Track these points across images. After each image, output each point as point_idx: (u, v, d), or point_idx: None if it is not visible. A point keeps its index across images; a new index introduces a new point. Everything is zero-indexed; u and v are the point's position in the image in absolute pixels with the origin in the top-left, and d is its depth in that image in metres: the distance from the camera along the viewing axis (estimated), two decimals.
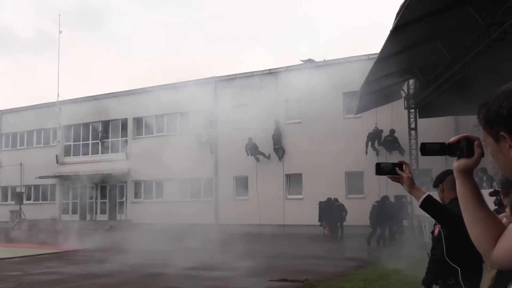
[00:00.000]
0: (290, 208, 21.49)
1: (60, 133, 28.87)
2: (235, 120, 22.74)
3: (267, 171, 22.08)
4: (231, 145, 22.34)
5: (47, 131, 29.71)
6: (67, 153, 29.35)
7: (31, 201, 29.43)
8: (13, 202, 28.21)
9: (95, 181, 26.66)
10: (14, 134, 31.41)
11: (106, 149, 27.63)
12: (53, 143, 29.34)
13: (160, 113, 24.83)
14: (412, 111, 18.04)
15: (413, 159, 17.33)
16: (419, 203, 2.93)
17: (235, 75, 23.56)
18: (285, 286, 9.53)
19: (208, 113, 23.86)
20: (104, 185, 27.25)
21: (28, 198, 29.36)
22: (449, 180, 3.56)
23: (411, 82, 17.96)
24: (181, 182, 23.92)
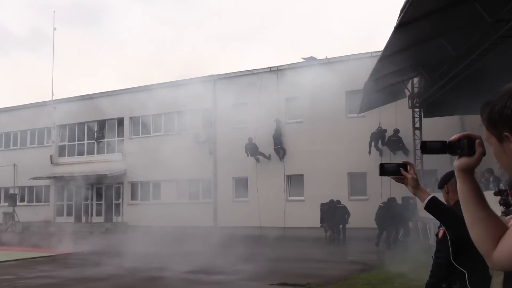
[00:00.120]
0: (291, 210, 21.50)
1: (54, 132, 28.87)
2: (234, 119, 22.76)
3: (267, 172, 22.08)
4: (230, 145, 22.35)
5: (41, 131, 29.71)
6: (61, 153, 29.36)
7: (24, 203, 29.42)
8: (6, 204, 28.22)
9: (90, 182, 26.67)
10: (7, 134, 31.41)
11: (102, 149, 27.62)
12: (47, 143, 29.35)
13: (158, 112, 24.85)
14: (417, 110, 18.04)
15: (417, 159, 17.34)
16: (423, 204, 2.94)
17: (235, 73, 23.56)
18: None
19: (207, 112, 23.87)
20: (99, 186, 27.26)
21: (22, 200, 29.35)
22: (454, 181, 3.55)
23: (416, 80, 17.96)
24: (179, 183, 23.93)
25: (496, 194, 4.91)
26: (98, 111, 26.13)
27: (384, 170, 2.47)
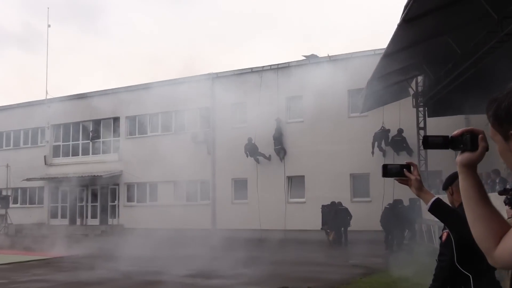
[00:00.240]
0: (292, 212, 21.50)
1: (48, 132, 28.89)
2: (233, 119, 22.77)
3: (267, 173, 22.08)
4: (229, 145, 22.34)
5: (34, 131, 29.72)
6: (56, 153, 29.35)
7: (18, 205, 29.43)
8: None
9: (85, 183, 26.68)
10: (0, 134, 31.41)
11: (97, 150, 27.64)
12: (41, 143, 29.35)
13: (155, 111, 24.86)
14: (421, 109, 18.06)
15: (422, 160, 17.35)
16: (427, 206, 2.94)
17: (234, 71, 23.56)
18: None
19: (205, 111, 23.88)
20: (95, 187, 27.26)
21: (15, 202, 29.37)
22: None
23: (420, 78, 17.98)
24: (177, 184, 23.93)
25: (500, 193, 4.91)
26: (94, 110, 26.13)
27: (387, 171, 2.47)
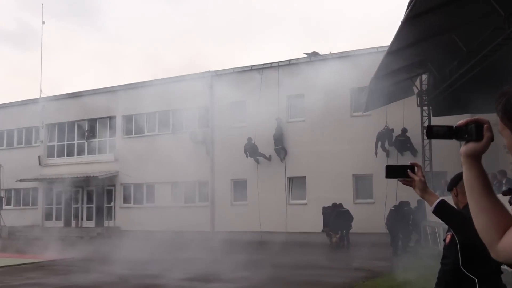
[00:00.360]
0: (293, 213, 21.51)
1: (43, 132, 28.89)
2: (233, 118, 22.77)
3: (267, 174, 22.09)
4: (228, 145, 22.36)
5: (28, 130, 29.72)
6: (50, 154, 29.36)
7: (11, 206, 29.44)
8: None
9: (80, 184, 26.70)
10: None
11: (93, 150, 27.64)
12: (35, 143, 29.36)
13: (152, 110, 24.87)
14: (426, 108, 18.05)
15: (426, 160, 17.36)
16: (431, 208, 2.94)
17: (233, 69, 23.57)
18: None
19: (204, 110, 23.88)
20: (90, 188, 27.27)
21: (8, 203, 29.36)
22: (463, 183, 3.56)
23: (424, 77, 17.97)
24: (174, 185, 23.95)
25: (504, 193, 4.91)
26: (89, 109, 26.15)
27: (390, 172, 2.48)
